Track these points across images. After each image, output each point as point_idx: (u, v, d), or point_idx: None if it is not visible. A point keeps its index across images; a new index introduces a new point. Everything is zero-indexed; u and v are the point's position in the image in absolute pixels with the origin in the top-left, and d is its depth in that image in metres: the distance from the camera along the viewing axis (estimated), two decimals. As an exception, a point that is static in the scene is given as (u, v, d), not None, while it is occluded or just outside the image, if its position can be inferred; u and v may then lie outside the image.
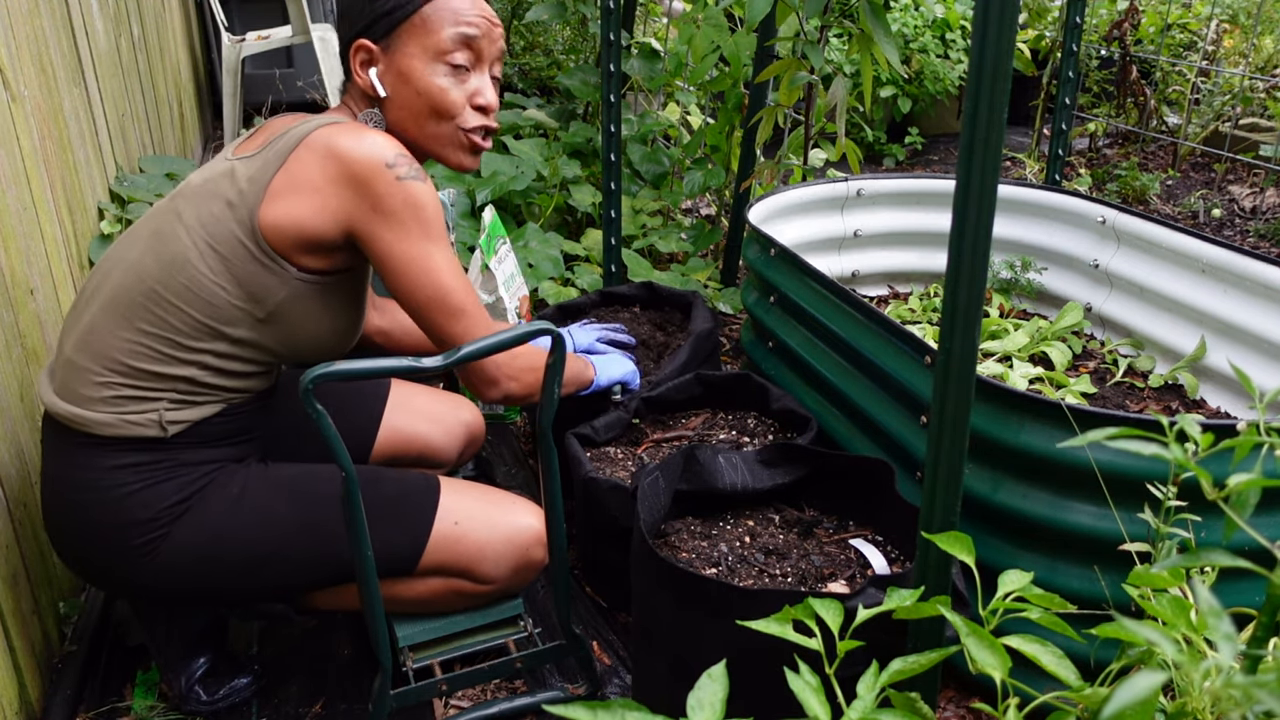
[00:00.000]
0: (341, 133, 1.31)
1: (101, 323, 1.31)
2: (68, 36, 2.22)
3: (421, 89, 1.38)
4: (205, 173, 1.36)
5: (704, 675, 0.81)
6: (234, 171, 1.33)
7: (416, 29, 1.37)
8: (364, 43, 1.39)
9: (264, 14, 4.79)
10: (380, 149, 1.30)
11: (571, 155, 3.22)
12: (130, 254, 1.33)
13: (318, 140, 1.30)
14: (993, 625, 0.91)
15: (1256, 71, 4.06)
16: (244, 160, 1.33)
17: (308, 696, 1.57)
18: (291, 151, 1.30)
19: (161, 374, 1.31)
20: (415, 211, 1.31)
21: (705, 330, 2.06)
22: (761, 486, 1.55)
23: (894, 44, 2.20)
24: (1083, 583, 1.41)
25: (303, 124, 1.34)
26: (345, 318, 1.42)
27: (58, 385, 1.34)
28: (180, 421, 1.33)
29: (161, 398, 1.32)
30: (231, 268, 1.30)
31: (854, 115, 4.50)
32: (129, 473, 1.32)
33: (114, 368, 1.30)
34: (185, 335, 1.31)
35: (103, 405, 1.31)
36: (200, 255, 1.29)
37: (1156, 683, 0.56)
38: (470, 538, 1.42)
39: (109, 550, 1.33)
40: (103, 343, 1.31)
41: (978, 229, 0.90)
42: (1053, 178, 2.68)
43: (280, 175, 1.30)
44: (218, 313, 1.31)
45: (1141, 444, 0.68)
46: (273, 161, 1.31)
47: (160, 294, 1.30)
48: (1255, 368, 1.96)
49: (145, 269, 1.31)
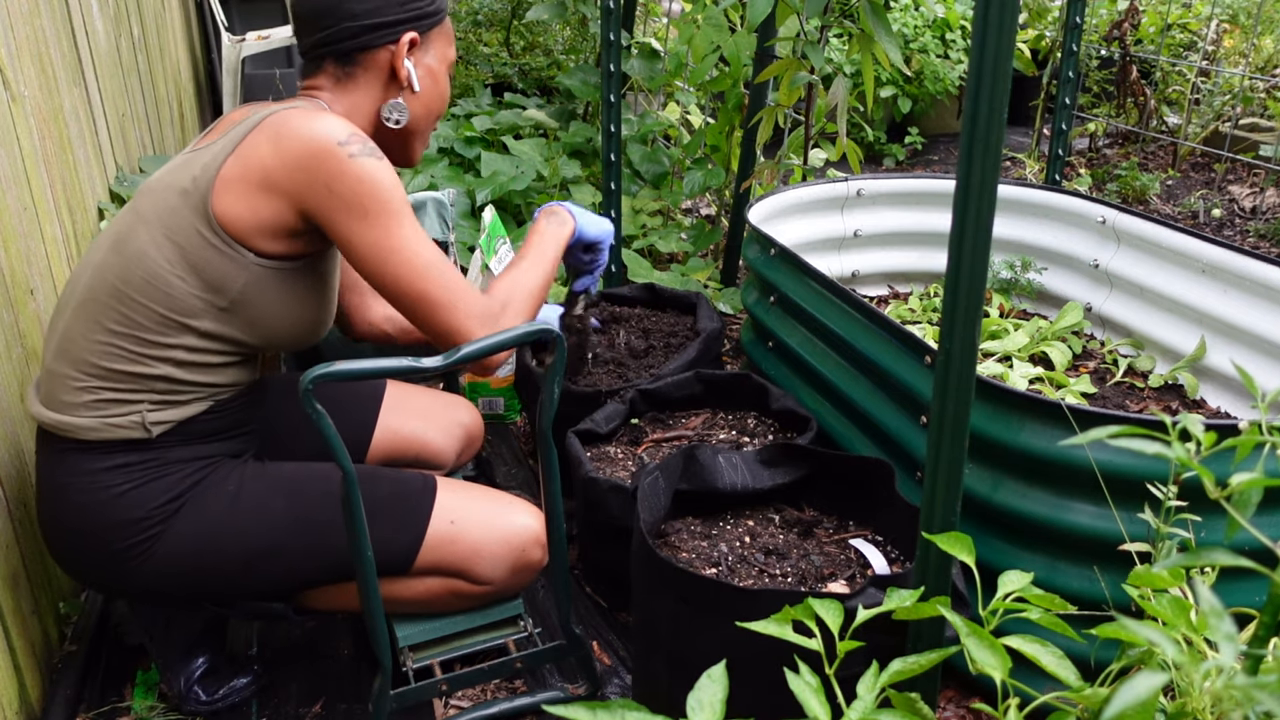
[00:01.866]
0: (294, 115, 1.30)
1: (75, 328, 1.31)
2: (68, 36, 2.22)
3: (443, 91, 1.48)
4: (165, 168, 1.36)
5: (704, 675, 0.81)
6: (189, 162, 1.32)
7: (444, 34, 1.46)
8: (415, 36, 1.40)
9: (264, 14, 4.79)
10: (331, 128, 1.28)
11: (571, 155, 3.22)
12: (96, 256, 1.34)
13: (269, 124, 1.29)
14: (993, 625, 0.91)
15: (1256, 71, 4.05)
16: (199, 150, 1.33)
17: (308, 696, 1.57)
18: (245, 137, 1.29)
19: (137, 374, 1.31)
20: (372, 189, 1.28)
21: (715, 330, 2.07)
22: (761, 486, 1.55)
23: (895, 43, 2.20)
24: (1083, 583, 1.41)
25: (258, 111, 1.33)
26: (313, 303, 1.40)
27: (43, 395, 1.35)
28: (164, 422, 1.33)
29: (141, 399, 1.32)
30: (188, 256, 1.28)
31: (854, 115, 4.50)
32: (117, 474, 1.32)
33: (90, 372, 1.30)
34: (151, 331, 1.30)
35: (85, 410, 1.31)
36: (158, 247, 1.29)
37: (1158, 683, 0.56)
38: (466, 537, 1.42)
39: (103, 553, 1.33)
40: (78, 348, 1.31)
41: (978, 229, 0.90)
42: (1053, 178, 2.68)
43: (232, 160, 1.28)
44: (179, 304, 1.29)
45: (1144, 443, 0.68)
46: (225, 147, 1.30)
47: (123, 291, 1.29)
48: (1255, 368, 1.96)
49: (108, 268, 1.30)
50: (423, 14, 1.40)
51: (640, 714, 0.74)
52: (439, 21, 1.43)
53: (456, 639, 1.49)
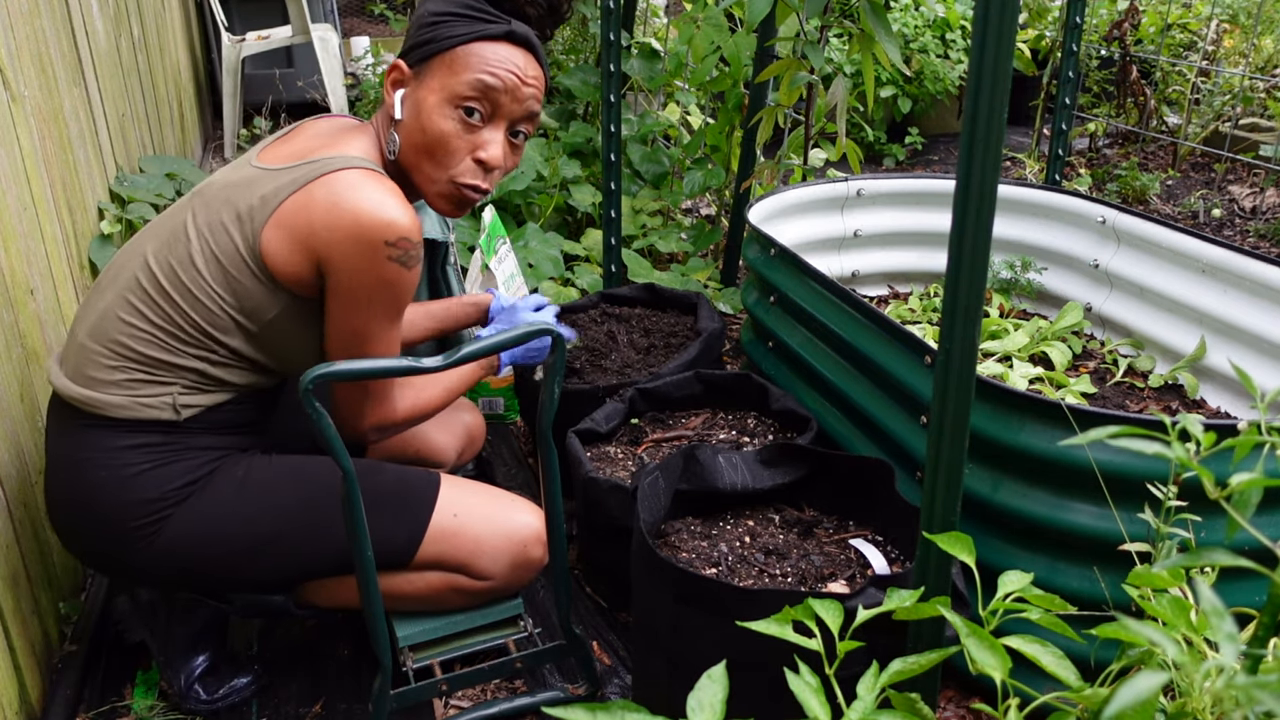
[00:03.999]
0: (359, 187, 1.27)
1: (115, 310, 1.33)
2: (68, 36, 2.22)
3: (427, 126, 1.33)
4: (230, 174, 1.36)
5: (704, 676, 0.81)
6: (254, 182, 1.32)
7: (445, 66, 1.33)
8: (399, 63, 1.37)
9: (264, 14, 4.79)
10: (386, 225, 1.26)
11: (571, 155, 3.21)
12: (148, 246, 1.35)
13: (334, 184, 1.27)
14: (993, 626, 0.91)
15: (1256, 71, 4.05)
16: (266, 172, 1.33)
17: (308, 696, 1.57)
18: (308, 182, 1.28)
19: (171, 363, 1.33)
20: (385, 292, 1.30)
21: (715, 330, 2.07)
22: (761, 486, 1.55)
23: (895, 43, 2.20)
24: (1083, 583, 1.41)
25: (332, 155, 1.31)
26: None
27: (70, 370, 1.36)
28: (194, 405, 1.34)
29: (175, 382, 1.34)
30: (231, 281, 1.31)
31: (854, 115, 4.50)
32: (140, 453, 1.33)
33: (126, 354, 1.32)
34: (186, 334, 1.32)
35: (115, 388, 1.32)
36: (205, 262, 1.31)
37: (1158, 683, 0.56)
38: (468, 531, 1.43)
39: (114, 530, 1.33)
40: (116, 329, 1.33)
41: (978, 229, 0.90)
42: (1053, 178, 2.68)
43: (289, 205, 1.28)
44: (216, 320, 1.32)
45: (1144, 443, 0.68)
46: (287, 187, 1.29)
47: (168, 292, 1.31)
48: (1255, 368, 1.96)
49: (158, 265, 1.32)
50: (416, 43, 1.35)
51: (640, 714, 0.74)
52: (437, 51, 1.33)
53: (456, 639, 1.49)
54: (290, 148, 1.37)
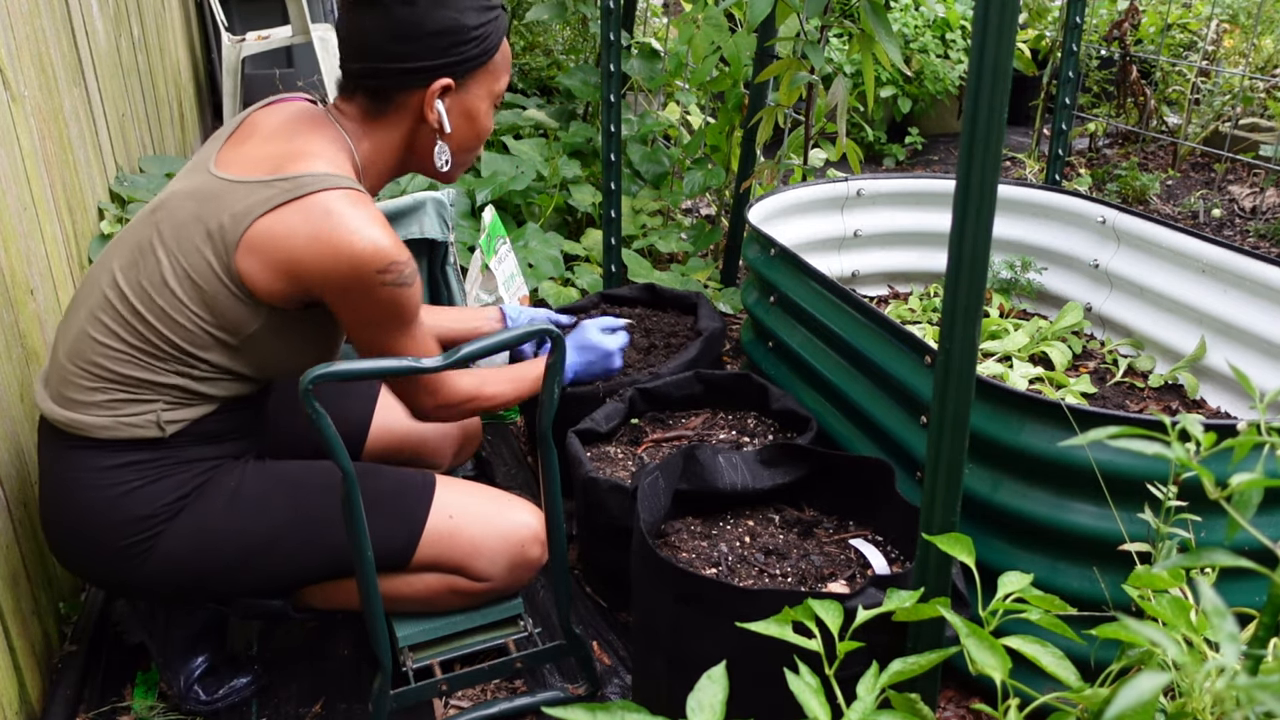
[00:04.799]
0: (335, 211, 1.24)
1: (88, 329, 1.31)
2: (68, 36, 2.22)
3: (481, 130, 1.43)
4: (188, 183, 1.32)
5: (704, 676, 0.81)
6: (218, 196, 1.27)
7: (488, 73, 1.40)
8: (449, 82, 1.35)
9: (264, 14, 4.79)
10: (371, 253, 1.24)
11: (571, 155, 3.21)
12: (115, 263, 1.32)
13: (311, 208, 1.24)
14: (993, 626, 0.91)
15: (1256, 71, 4.05)
16: (229, 184, 1.28)
17: (308, 696, 1.57)
18: (280, 205, 1.24)
19: (153, 381, 1.31)
20: (391, 311, 1.30)
21: (716, 330, 2.07)
22: (761, 486, 1.55)
23: (896, 43, 2.20)
24: (1083, 583, 1.41)
25: (301, 173, 1.26)
26: (322, 344, 1.41)
27: (52, 391, 1.34)
28: (178, 420, 1.33)
29: (157, 399, 1.32)
30: (206, 298, 1.28)
31: (854, 115, 4.50)
32: (128, 471, 1.32)
33: (104, 374, 1.30)
34: (163, 352, 1.30)
35: (97, 409, 1.31)
36: (179, 281, 1.28)
37: (1159, 684, 0.56)
38: (465, 532, 1.43)
39: (108, 548, 1.33)
40: (92, 350, 1.30)
41: (978, 229, 0.90)
42: (1053, 178, 2.68)
43: (263, 225, 1.24)
44: (193, 338, 1.30)
45: (1144, 443, 0.68)
46: (258, 206, 1.25)
47: (140, 313, 1.29)
48: (1255, 368, 1.96)
49: (127, 284, 1.30)
50: (464, 59, 1.35)
51: (640, 715, 0.74)
52: (482, 64, 1.37)
53: (456, 639, 1.49)
54: (250, 151, 1.32)
